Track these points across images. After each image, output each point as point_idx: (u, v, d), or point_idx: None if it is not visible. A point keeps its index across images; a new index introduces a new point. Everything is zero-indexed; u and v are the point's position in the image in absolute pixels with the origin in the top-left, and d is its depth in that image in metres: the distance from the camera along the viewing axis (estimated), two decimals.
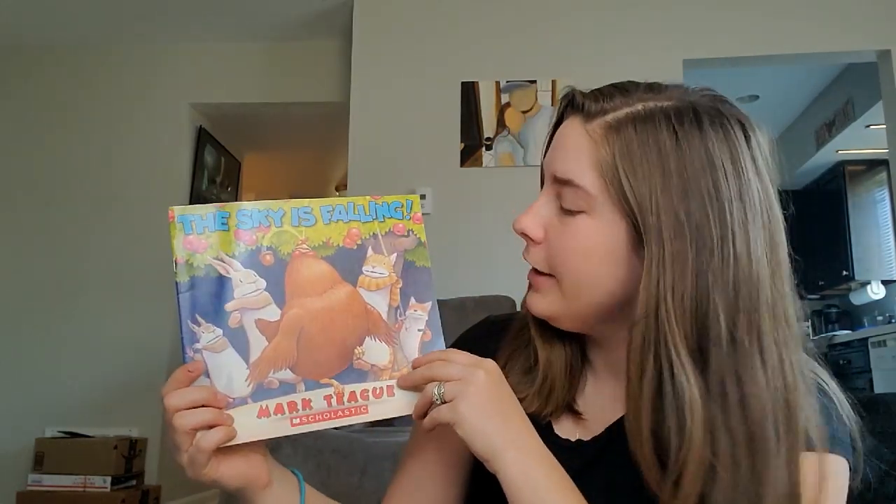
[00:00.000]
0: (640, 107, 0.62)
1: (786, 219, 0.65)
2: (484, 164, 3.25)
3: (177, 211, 0.63)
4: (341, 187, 5.60)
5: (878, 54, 3.28)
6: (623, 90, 0.64)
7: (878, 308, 4.87)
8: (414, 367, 0.65)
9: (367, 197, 0.67)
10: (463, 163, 3.26)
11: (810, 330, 5.21)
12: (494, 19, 3.39)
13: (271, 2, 3.57)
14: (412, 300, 0.67)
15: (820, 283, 4.98)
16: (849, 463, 0.62)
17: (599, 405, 0.71)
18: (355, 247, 0.66)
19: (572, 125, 0.65)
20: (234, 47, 3.93)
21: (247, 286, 0.62)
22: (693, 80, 0.70)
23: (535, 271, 0.68)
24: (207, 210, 0.63)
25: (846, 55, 3.34)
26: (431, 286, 0.68)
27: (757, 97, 4.66)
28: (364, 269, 0.66)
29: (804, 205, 5.20)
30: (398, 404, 0.65)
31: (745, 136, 0.62)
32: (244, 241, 0.63)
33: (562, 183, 0.64)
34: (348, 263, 0.65)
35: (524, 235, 0.67)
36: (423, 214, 0.70)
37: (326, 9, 3.61)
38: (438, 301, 0.74)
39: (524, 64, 3.32)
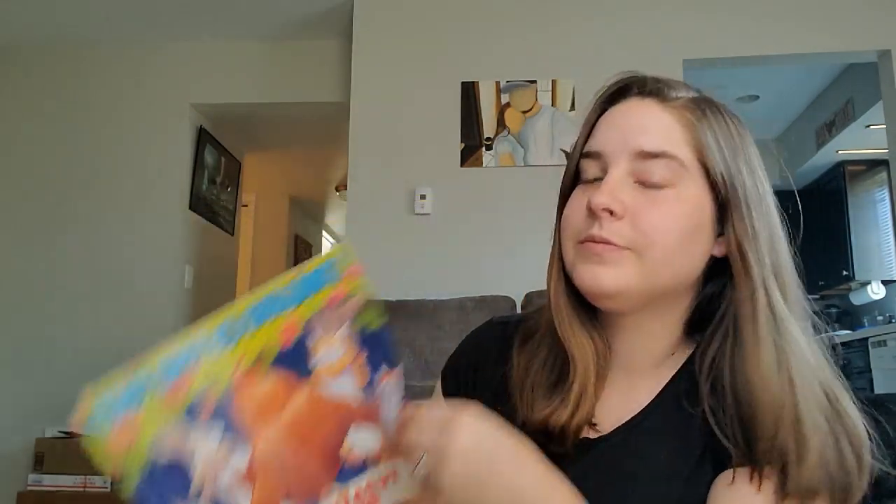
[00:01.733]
0: (695, 94, 0.69)
1: (786, 218, 0.71)
2: (484, 164, 3.25)
3: (92, 404, 0.50)
4: (341, 187, 5.60)
5: (878, 54, 3.28)
6: (668, 84, 0.69)
7: (878, 308, 4.87)
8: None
9: (291, 274, 0.58)
10: (463, 163, 3.26)
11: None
12: (494, 19, 3.39)
13: (271, 2, 3.57)
14: (382, 368, 0.59)
15: (820, 283, 4.98)
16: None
17: (609, 405, 0.69)
18: (294, 343, 0.57)
19: (646, 105, 0.68)
20: (234, 47, 3.93)
21: (203, 447, 0.53)
22: (693, 80, 0.72)
23: (607, 242, 0.64)
24: (119, 388, 0.51)
25: (846, 55, 3.34)
26: (395, 344, 0.60)
27: (757, 97, 4.66)
28: (315, 360, 0.57)
29: (804, 205, 5.19)
30: (407, 483, 0.58)
31: (747, 131, 0.70)
32: (177, 399, 0.53)
33: (651, 157, 0.64)
34: (295, 363, 0.56)
35: (606, 211, 0.63)
36: (423, 215, 0.67)
37: (326, 9, 3.61)
38: (439, 301, 0.73)
39: (524, 64, 3.32)
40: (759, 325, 0.62)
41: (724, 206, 0.65)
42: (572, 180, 0.70)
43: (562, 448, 0.66)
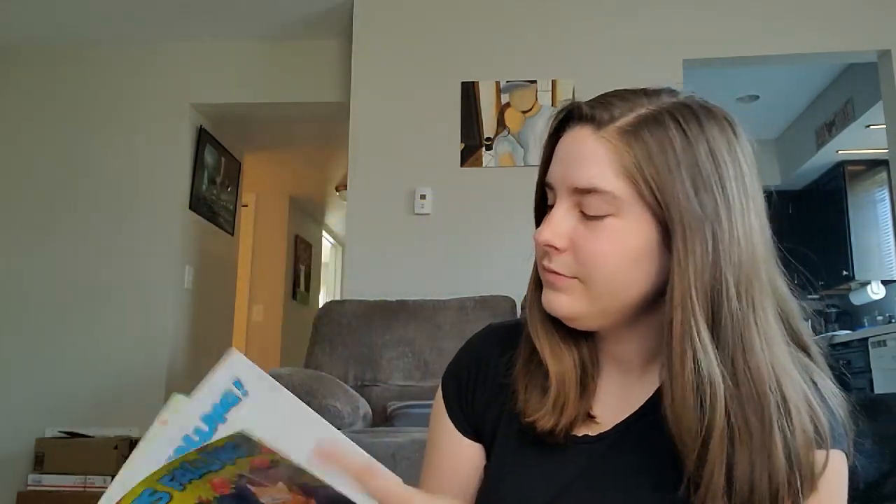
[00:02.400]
0: (643, 110, 0.65)
1: (786, 218, 0.68)
2: (484, 164, 3.25)
3: None
4: (341, 187, 5.60)
5: (878, 54, 3.28)
6: (622, 97, 0.67)
7: (878, 308, 4.87)
8: None
9: (194, 450, 0.50)
10: (463, 163, 3.26)
11: (810, 330, 5.20)
12: (494, 19, 3.39)
13: (271, 2, 3.57)
14: None
15: (820, 283, 4.98)
16: (846, 456, 0.64)
17: (609, 404, 0.72)
18: (232, 490, 0.51)
19: (582, 135, 0.66)
20: (234, 47, 3.93)
21: None
22: (693, 80, 0.72)
23: (555, 272, 0.68)
24: None
25: (846, 55, 3.34)
26: (344, 497, 0.52)
27: (757, 97, 4.66)
28: (263, 501, 0.52)
29: (804, 205, 5.20)
30: None
31: (733, 130, 0.67)
32: None
33: (585, 192, 0.65)
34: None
35: (549, 247, 0.67)
36: (423, 215, 0.68)
37: (326, 9, 3.61)
38: (439, 301, 0.74)
39: (524, 64, 3.32)
40: (673, 353, 0.62)
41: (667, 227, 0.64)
42: (540, 204, 0.74)
43: (559, 445, 0.69)
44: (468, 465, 0.77)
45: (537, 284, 0.72)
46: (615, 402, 0.71)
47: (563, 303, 0.67)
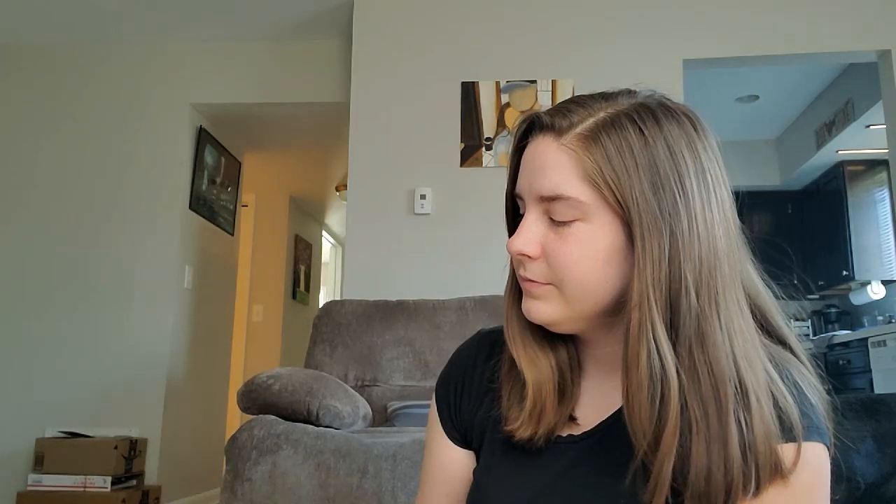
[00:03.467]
0: (602, 114, 0.67)
1: (786, 218, 0.69)
2: (484, 164, 3.25)
3: None
4: (341, 187, 5.60)
5: (878, 54, 3.28)
6: (580, 103, 0.68)
7: (878, 308, 4.87)
8: None
9: None
10: (463, 163, 3.26)
11: (810, 330, 5.21)
12: (494, 19, 3.39)
13: (272, 2, 3.57)
14: None
15: (820, 283, 4.98)
16: (827, 448, 0.64)
17: (592, 406, 0.73)
18: None
19: (544, 144, 0.68)
20: (234, 47, 3.93)
21: None
22: (693, 80, 0.72)
23: (531, 280, 0.70)
24: None
25: (846, 55, 3.34)
26: None
27: (757, 97, 4.66)
28: None
29: (804, 205, 5.19)
30: None
31: (694, 126, 0.67)
32: None
33: (551, 200, 0.67)
34: None
35: (522, 255, 0.69)
36: (423, 215, 0.69)
37: (326, 9, 3.61)
38: (439, 301, 0.75)
39: (524, 64, 3.32)
40: (630, 352, 0.63)
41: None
42: (512, 214, 0.75)
43: (541, 448, 0.71)
44: (459, 472, 0.79)
45: (514, 293, 0.74)
46: (597, 403, 0.72)
47: (541, 309, 0.69)
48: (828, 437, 0.64)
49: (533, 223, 0.68)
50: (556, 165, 0.66)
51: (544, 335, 0.73)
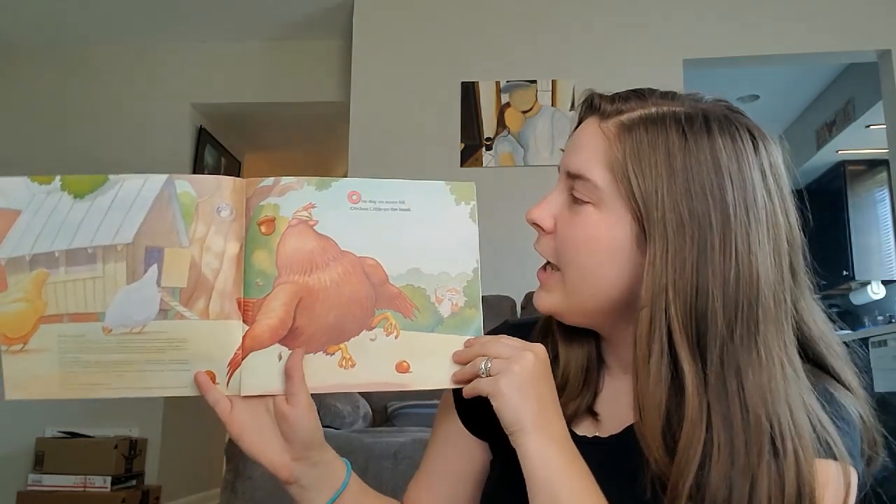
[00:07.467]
0: (653, 109, 0.66)
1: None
2: (484, 164, 3.25)
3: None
4: None
5: (878, 54, 3.28)
6: (639, 94, 0.68)
7: (878, 308, 4.87)
8: (467, 346, 0.68)
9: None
10: (463, 163, 3.26)
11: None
12: (494, 20, 3.39)
13: (271, 2, 3.57)
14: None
15: (820, 283, 4.98)
16: (857, 473, 0.62)
17: (616, 406, 0.71)
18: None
19: (589, 125, 0.68)
20: (234, 47, 3.93)
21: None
22: (693, 80, 0.72)
23: (543, 269, 0.71)
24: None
25: (846, 55, 3.34)
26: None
27: (757, 97, 4.66)
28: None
29: (804, 204, 5.19)
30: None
31: (754, 145, 0.66)
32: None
33: (574, 177, 0.67)
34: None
35: (535, 225, 0.70)
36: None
37: (326, 9, 3.61)
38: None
39: (524, 64, 3.32)
40: (638, 352, 0.62)
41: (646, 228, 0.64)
42: None
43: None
44: (468, 461, 0.77)
45: None
46: (622, 405, 0.71)
47: (545, 298, 0.70)
48: (858, 462, 0.63)
49: (555, 197, 0.70)
50: (588, 145, 0.67)
51: (574, 329, 0.73)
